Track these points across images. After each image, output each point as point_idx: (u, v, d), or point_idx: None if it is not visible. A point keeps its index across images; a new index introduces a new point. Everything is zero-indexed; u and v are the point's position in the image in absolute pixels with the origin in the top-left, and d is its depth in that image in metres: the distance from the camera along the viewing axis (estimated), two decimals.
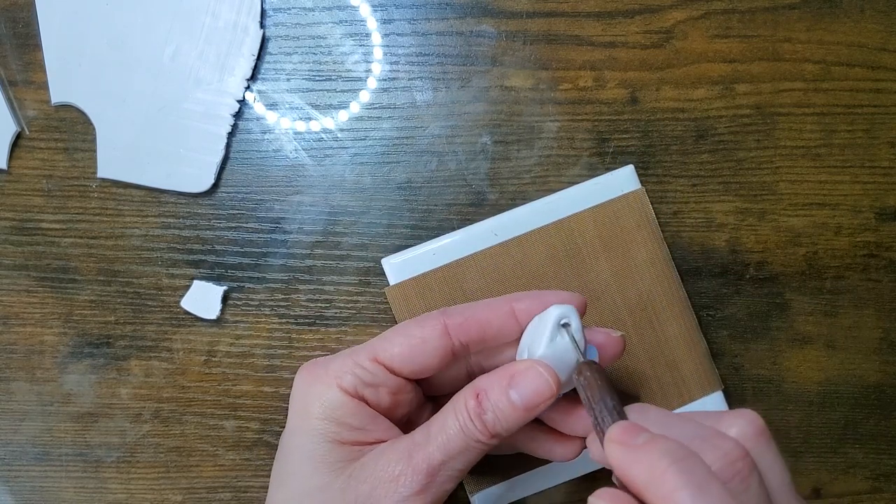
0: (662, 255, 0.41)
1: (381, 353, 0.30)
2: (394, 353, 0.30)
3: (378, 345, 0.31)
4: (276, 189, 0.42)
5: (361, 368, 0.30)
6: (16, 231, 0.42)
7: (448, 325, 0.30)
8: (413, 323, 0.31)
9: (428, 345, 0.30)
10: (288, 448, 0.31)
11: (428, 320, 0.30)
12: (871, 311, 0.43)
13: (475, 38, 0.42)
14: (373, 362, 0.30)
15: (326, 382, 0.30)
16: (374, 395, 0.30)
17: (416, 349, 0.30)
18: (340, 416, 0.30)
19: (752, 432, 0.26)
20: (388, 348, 0.30)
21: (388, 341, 0.30)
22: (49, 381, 0.42)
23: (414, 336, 0.30)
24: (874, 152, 0.43)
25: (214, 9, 0.41)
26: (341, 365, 0.31)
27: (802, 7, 0.42)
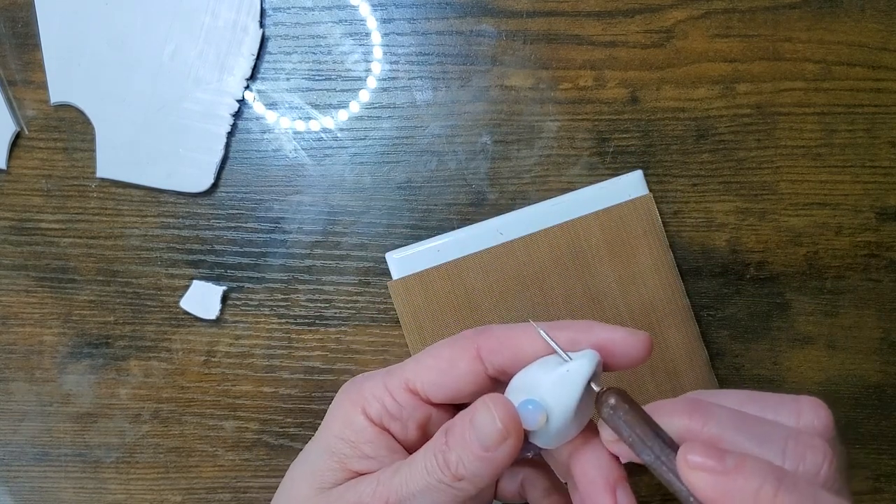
0: (667, 262, 0.41)
1: (412, 377, 0.28)
2: (424, 379, 0.28)
3: (410, 367, 0.28)
4: (275, 189, 0.42)
5: (391, 398, 0.28)
6: (15, 231, 0.42)
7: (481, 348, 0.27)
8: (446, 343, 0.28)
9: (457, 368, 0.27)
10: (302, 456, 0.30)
11: (459, 340, 0.28)
12: (871, 311, 0.43)
13: (475, 38, 0.42)
14: (404, 391, 0.28)
15: (354, 403, 0.28)
16: (400, 429, 0.28)
17: (445, 373, 0.27)
18: (357, 441, 0.28)
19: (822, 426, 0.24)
20: (420, 372, 0.28)
21: (420, 363, 0.28)
22: (48, 381, 0.42)
23: (442, 359, 0.27)
24: (875, 152, 0.42)
25: (214, 8, 0.41)
26: (372, 389, 0.28)
27: (803, 6, 0.42)
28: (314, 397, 0.42)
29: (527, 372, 0.25)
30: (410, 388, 0.28)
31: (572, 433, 0.25)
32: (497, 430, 0.24)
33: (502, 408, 0.24)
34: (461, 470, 0.25)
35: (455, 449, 0.25)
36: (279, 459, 0.42)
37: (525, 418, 0.24)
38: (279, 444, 0.42)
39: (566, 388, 0.24)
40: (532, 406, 0.24)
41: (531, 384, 0.25)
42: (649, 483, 0.43)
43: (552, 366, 0.25)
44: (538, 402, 0.24)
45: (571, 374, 0.24)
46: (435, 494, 0.25)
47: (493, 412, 0.24)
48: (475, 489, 0.25)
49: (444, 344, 0.28)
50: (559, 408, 0.24)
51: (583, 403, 0.24)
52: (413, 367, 0.28)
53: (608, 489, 0.25)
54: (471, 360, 0.27)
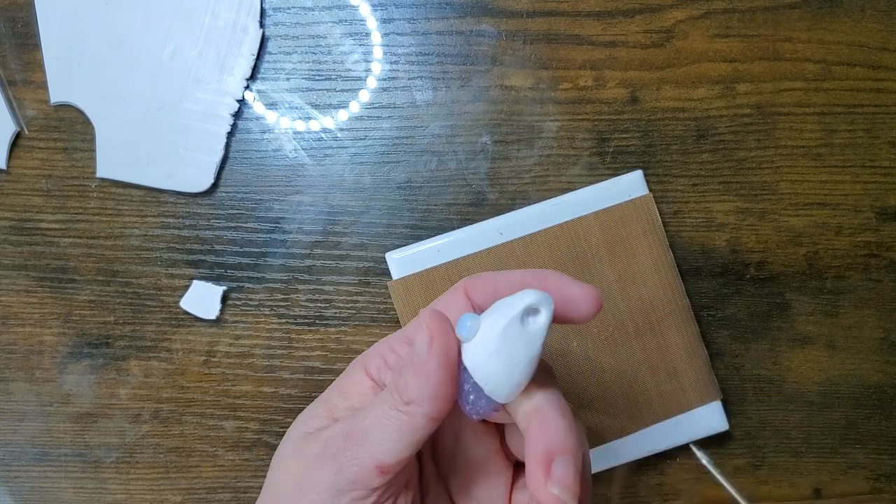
0: (667, 262, 0.41)
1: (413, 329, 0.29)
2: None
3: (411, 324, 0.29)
4: (275, 189, 0.42)
5: (391, 352, 0.29)
6: (15, 231, 0.42)
7: (467, 287, 0.28)
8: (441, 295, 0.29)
9: (450, 310, 0.28)
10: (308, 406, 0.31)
11: (454, 287, 0.29)
12: (871, 311, 0.43)
13: (475, 38, 0.42)
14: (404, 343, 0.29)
15: (358, 362, 0.30)
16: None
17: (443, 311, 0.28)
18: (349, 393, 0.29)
19: None
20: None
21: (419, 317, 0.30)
22: (48, 381, 0.42)
23: (438, 304, 0.28)
24: (875, 152, 0.42)
25: (214, 8, 0.41)
26: (377, 348, 0.29)
27: (803, 6, 0.42)
28: (314, 397, 0.42)
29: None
30: (409, 339, 0.28)
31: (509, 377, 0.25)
32: (425, 336, 0.25)
33: (429, 314, 0.25)
34: (407, 392, 0.25)
35: (403, 373, 0.25)
36: None
37: (459, 328, 0.25)
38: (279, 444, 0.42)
39: (502, 310, 0.25)
40: (468, 318, 0.25)
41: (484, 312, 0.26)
42: (648, 483, 0.43)
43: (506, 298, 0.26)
44: (475, 315, 0.25)
45: (514, 300, 0.25)
46: (388, 423, 0.25)
47: (422, 320, 0.25)
48: (426, 421, 0.25)
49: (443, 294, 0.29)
50: (490, 324, 0.25)
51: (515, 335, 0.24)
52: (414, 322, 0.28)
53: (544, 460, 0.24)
54: (461, 299, 0.28)
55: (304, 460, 0.27)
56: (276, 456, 0.30)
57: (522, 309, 0.24)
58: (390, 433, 0.25)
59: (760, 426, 0.43)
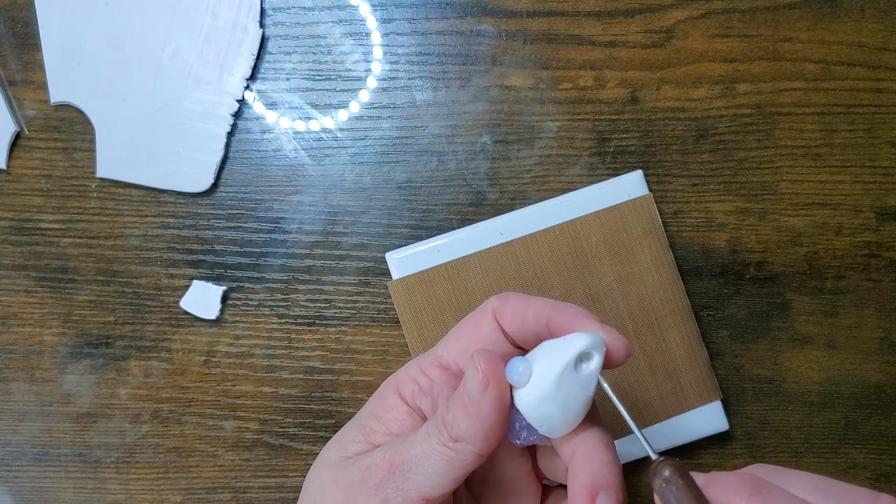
0: (667, 262, 0.41)
1: (443, 352, 0.29)
2: (454, 350, 0.29)
3: (442, 346, 0.29)
4: (275, 189, 0.42)
5: (424, 376, 0.29)
6: (15, 231, 0.42)
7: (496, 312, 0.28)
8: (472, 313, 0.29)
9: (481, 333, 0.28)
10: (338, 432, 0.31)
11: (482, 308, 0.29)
12: (871, 311, 0.43)
13: (475, 38, 0.42)
14: (437, 368, 0.29)
15: (390, 385, 0.29)
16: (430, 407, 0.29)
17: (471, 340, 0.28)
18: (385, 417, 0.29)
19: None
20: (450, 345, 0.29)
21: (449, 339, 0.29)
22: (48, 381, 0.42)
23: (468, 325, 0.29)
24: (875, 152, 0.42)
25: (214, 8, 0.41)
26: (407, 371, 0.29)
27: (803, 6, 0.42)
28: (314, 397, 0.42)
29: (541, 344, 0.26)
30: (442, 363, 0.29)
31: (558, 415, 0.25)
32: (478, 379, 0.25)
33: (484, 358, 0.25)
34: (455, 429, 0.25)
35: (452, 409, 0.25)
36: (279, 459, 0.42)
37: (511, 373, 0.25)
38: (279, 444, 0.42)
39: (557, 354, 0.25)
40: (521, 364, 0.25)
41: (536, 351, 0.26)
42: (647, 483, 0.43)
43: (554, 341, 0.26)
44: (528, 360, 0.25)
45: (566, 342, 0.25)
46: (435, 459, 0.25)
47: (476, 361, 0.25)
48: (473, 456, 0.25)
49: (470, 314, 0.29)
50: (543, 370, 0.25)
51: (570, 380, 0.25)
52: (444, 344, 0.29)
53: (588, 492, 0.25)
54: (492, 324, 0.28)
55: (343, 486, 0.27)
56: (311, 479, 0.29)
57: (576, 355, 0.25)
58: (438, 468, 0.25)
59: (760, 426, 0.43)
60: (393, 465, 0.26)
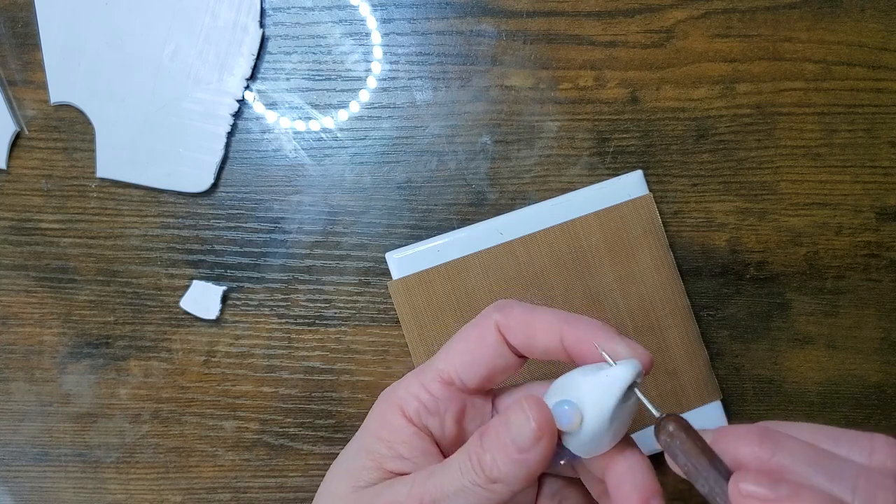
0: (667, 262, 0.41)
1: (445, 366, 0.28)
2: (457, 364, 0.28)
3: (442, 359, 0.28)
4: (275, 189, 0.42)
5: (427, 393, 0.28)
6: (15, 231, 0.42)
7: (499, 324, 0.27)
8: (471, 323, 0.28)
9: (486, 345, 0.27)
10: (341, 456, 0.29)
11: (483, 318, 0.28)
12: (871, 311, 0.43)
13: (475, 38, 0.42)
14: (439, 383, 0.28)
15: (391, 404, 0.28)
16: (437, 425, 0.28)
17: (475, 353, 0.27)
18: (392, 440, 0.28)
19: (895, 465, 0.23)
20: (451, 359, 0.28)
21: (450, 351, 0.28)
22: (48, 381, 0.42)
23: (470, 339, 0.28)
24: (875, 152, 0.42)
25: (214, 8, 0.41)
26: (407, 387, 0.28)
27: (803, 6, 0.42)
28: (314, 397, 0.42)
29: (568, 375, 0.25)
30: (444, 378, 0.28)
31: (607, 442, 0.25)
32: (531, 431, 0.24)
33: (536, 408, 0.24)
34: (495, 472, 0.24)
35: (490, 450, 0.25)
36: (279, 459, 0.42)
37: (560, 418, 0.24)
38: (279, 444, 0.42)
39: (604, 392, 0.24)
40: (568, 406, 0.24)
41: (570, 386, 0.25)
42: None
43: (592, 370, 0.25)
44: (574, 402, 0.24)
45: (611, 379, 0.24)
46: (469, 497, 0.25)
47: (528, 412, 0.24)
48: (509, 493, 0.25)
49: (470, 325, 0.28)
50: (595, 410, 0.24)
51: (620, 412, 0.24)
52: (444, 357, 0.28)
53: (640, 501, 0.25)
54: (496, 335, 0.27)
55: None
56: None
57: (624, 391, 0.24)
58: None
59: None
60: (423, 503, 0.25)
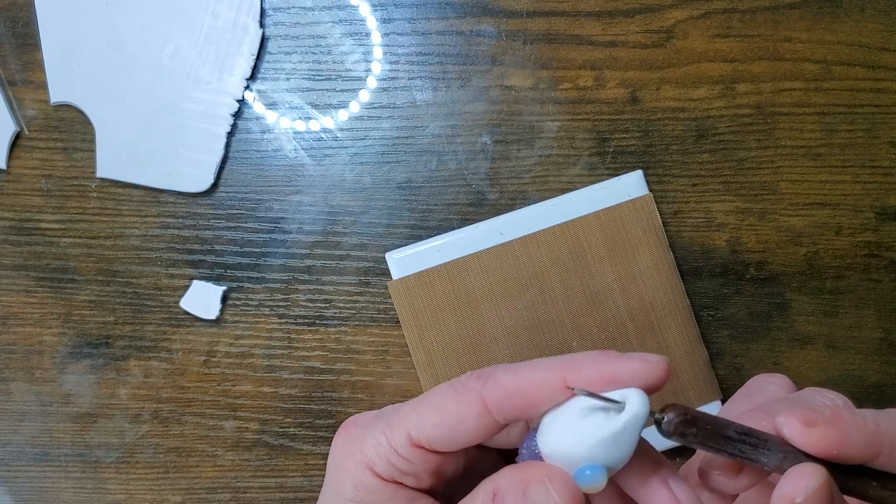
0: (667, 262, 0.41)
1: (417, 433, 0.26)
2: (430, 434, 0.26)
3: (413, 421, 0.26)
4: (275, 189, 0.42)
5: (396, 455, 0.26)
6: (15, 231, 0.42)
7: (487, 401, 0.25)
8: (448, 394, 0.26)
9: (465, 426, 0.25)
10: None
11: (464, 395, 0.26)
12: (871, 311, 0.43)
13: (475, 38, 0.42)
14: (410, 446, 0.26)
15: (359, 463, 0.27)
16: (414, 482, 0.26)
17: (453, 430, 0.26)
18: (373, 501, 0.26)
19: None
20: (425, 428, 0.26)
21: (423, 418, 0.26)
22: (48, 381, 0.42)
23: (449, 416, 0.26)
24: (875, 152, 0.42)
25: (214, 8, 0.41)
26: (375, 446, 0.26)
27: (803, 6, 0.42)
28: (314, 397, 0.42)
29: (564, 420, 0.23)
30: (415, 443, 0.26)
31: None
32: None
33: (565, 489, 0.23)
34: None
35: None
36: (279, 459, 0.42)
37: (583, 483, 0.23)
38: (279, 444, 0.42)
39: (623, 443, 0.22)
40: (590, 471, 0.23)
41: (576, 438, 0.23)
42: None
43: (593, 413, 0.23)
44: (598, 466, 0.23)
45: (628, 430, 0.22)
46: None
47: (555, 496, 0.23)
48: None
49: (447, 395, 0.26)
50: (617, 463, 0.23)
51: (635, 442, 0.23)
52: (416, 422, 0.26)
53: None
54: (479, 415, 0.25)
55: None
56: None
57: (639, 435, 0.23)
58: None
59: None
60: None
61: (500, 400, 0.24)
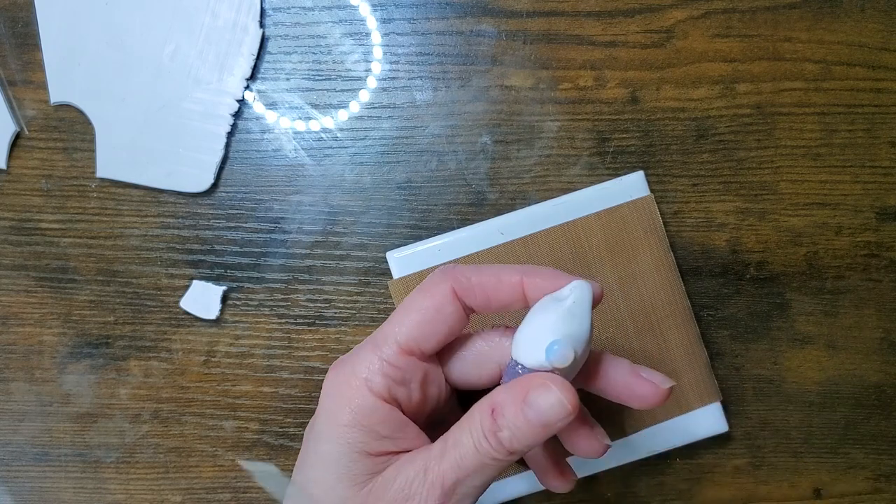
0: (668, 263, 0.41)
1: (405, 339, 0.28)
2: (417, 336, 0.28)
3: (396, 331, 0.28)
4: (275, 189, 0.42)
5: (391, 366, 0.28)
6: (15, 231, 0.42)
7: (456, 290, 0.28)
8: (420, 295, 0.29)
9: (444, 315, 0.28)
10: (314, 452, 0.29)
11: (435, 287, 0.29)
12: (871, 311, 0.43)
13: (475, 38, 0.42)
14: (402, 354, 0.28)
15: (355, 386, 0.28)
16: (405, 395, 0.29)
17: (435, 323, 0.28)
18: (370, 423, 0.28)
19: None
20: (412, 331, 0.28)
21: (406, 322, 0.28)
22: (48, 381, 0.42)
23: (427, 309, 0.28)
24: (875, 152, 0.43)
25: (214, 8, 0.41)
26: (369, 365, 0.28)
27: (803, 6, 0.42)
28: (314, 397, 0.42)
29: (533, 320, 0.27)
30: (405, 349, 0.28)
31: (582, 362, 0.28)
32: (564, 411, 0.26)
33: (568, 391, 0.26)
34: (515, 444, 0.26)
35: (509, 427, 0.26)
36: (279, 459, 0.42)
37: (554, 359, 0.26)
38: (279, 444, 0.42)
39: (577, 317, 0.26)
40: (557, 346, 0.26)
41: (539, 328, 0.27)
42: (648, 483, 0.43)
43: (552, 305, 0.27)
44: (561, 340, 0.26)
45: (577, 304, 0.27)
46: (487, 470, 0.27)
47: (560, 395, 0.26)
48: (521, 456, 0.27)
49: (420, 295, 0.29)
50: (578, 338, 0.26)
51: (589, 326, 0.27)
52: (401, 329, 0.28)
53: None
54: (451, 300, 0.28)
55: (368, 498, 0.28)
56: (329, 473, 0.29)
57: (588, 307, 0.27)
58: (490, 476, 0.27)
59: (760, 426, 0.43)
60: (445, 488, 0.27)
61: (466, 287, 0.28)
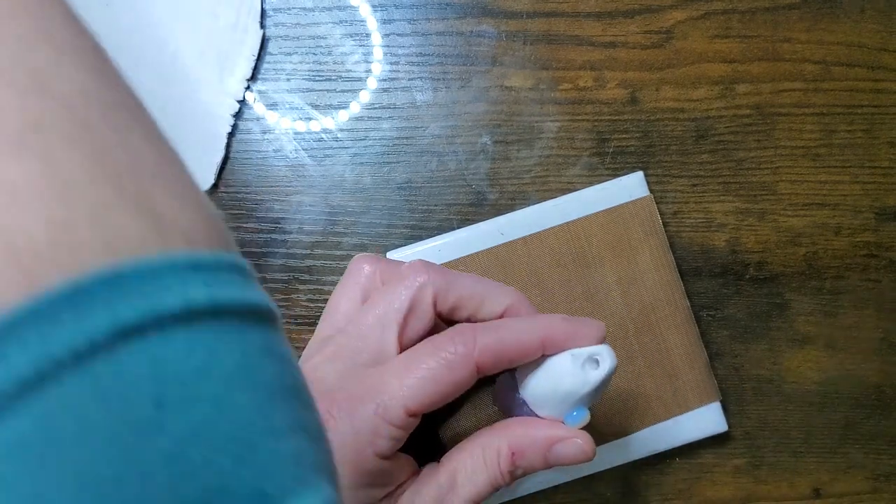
0: (668, 264, 0.41)
1: (414, 403, 0.27)
2: (426, 403, 0.28)
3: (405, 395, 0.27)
4: (275, 189, 0.42)
5: (398, 429, 0.28)
6: None
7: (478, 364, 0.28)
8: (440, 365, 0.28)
9: (462, 386, 0.28)
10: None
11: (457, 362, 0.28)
12: (871, 311, 0.43)
13: (475, 38, 0.42)
14: (406, 416, 0.28)
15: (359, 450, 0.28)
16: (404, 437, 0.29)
17: (451, 394, 0.28)
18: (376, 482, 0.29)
19: None
20: (420, 399, 0.28)
21: (416, 390, 0.28)
22: None
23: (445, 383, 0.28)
24: (874, 152, 0.43)
25: (214, 9, 0.41)
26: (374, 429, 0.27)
27: (802, 7, 0.42)
28: None
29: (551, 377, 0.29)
30: (411, 413, 0.28)
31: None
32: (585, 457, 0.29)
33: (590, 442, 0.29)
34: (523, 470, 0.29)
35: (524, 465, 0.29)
36: None
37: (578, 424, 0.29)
38: None
39: (602, 389, 0.29)
40: (577, 412, 0.29)
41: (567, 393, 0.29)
42: (648, 483, 0.43)
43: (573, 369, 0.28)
44: (582, 408, 0.29)
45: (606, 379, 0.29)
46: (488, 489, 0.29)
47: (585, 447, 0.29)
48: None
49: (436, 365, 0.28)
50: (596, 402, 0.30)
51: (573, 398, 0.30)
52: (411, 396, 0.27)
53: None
54: (473, 376, 0.29)
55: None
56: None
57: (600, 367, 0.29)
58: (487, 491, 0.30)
59: (760, 426, 0.43)
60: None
61: (489, 360, 0.28)
